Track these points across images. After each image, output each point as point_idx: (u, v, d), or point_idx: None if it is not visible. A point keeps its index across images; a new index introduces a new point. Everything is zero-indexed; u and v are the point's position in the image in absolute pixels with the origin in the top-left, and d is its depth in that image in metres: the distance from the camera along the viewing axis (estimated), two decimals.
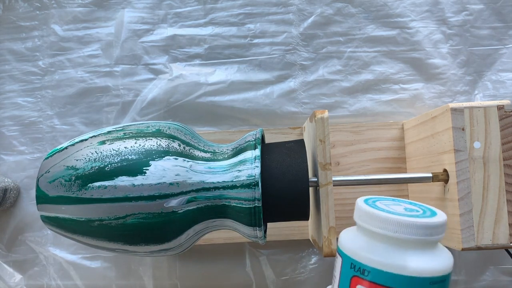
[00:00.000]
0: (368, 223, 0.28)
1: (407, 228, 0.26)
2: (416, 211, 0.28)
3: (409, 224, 0.26)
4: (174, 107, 0.60)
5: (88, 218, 0.39)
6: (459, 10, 0.60)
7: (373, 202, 0.29)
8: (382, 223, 0.27)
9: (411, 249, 0.27)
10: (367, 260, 0.27)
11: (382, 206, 0.28)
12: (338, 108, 0.59)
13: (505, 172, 0.40)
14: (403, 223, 0.26)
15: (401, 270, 0.26)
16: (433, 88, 0.59)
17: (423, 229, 0.26)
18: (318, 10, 0.61)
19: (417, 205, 0.30)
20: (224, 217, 0.41)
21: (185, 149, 0.40)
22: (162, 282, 0.59)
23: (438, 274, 0.26)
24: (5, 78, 0.63)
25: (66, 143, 0.42)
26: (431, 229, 0.26)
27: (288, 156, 0.41)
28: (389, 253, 0.27)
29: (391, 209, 0.28)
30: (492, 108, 0.41)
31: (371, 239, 0.28)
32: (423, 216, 0.27)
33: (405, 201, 0.31)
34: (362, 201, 0.29)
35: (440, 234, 0.27)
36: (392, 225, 0.26)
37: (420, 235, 0.26)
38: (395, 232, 0.26)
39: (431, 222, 0.26)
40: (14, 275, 0.60)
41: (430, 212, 0.28)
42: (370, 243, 0.28)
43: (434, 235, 0.26)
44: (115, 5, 0.63)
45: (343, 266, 0.29)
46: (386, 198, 0.31)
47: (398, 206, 0.29)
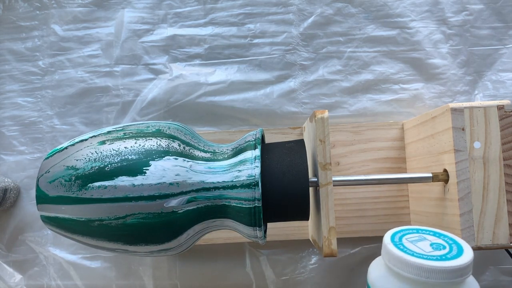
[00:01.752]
0: (398, 267, 0.28)
1: (438, 274, 0.27)
2: (443, 247, 0.29)
3: (440, 270, 0.27)
4: (174, 107, 0.60)
5: (88, 218, 0.39)
6: (459, 10, 0.60)
7: (400, 240, 0.30)
8: (413, 269, 0.27)
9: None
10: None
11: (409, 245, 0.29)
12: (338, 108, 0.59)
13: (505, 172, 0.40)
14: (434, 269, 0.27)
15: None
16: (433, 88, 0.59)
17: (453, 273, 0.27)
18: (318, 10, 0.61)
19: (442, 236, 0.31)
20: (224, 217, 0.41)
21: (185, 149, 0.40)
22: (162, 282, 0.59)
23: None
24: (5, 78, 0.63)
25: (66, 143, 0.42)
26: (461, 271, 0.27)
27: (288, 156, 0.41)
28: None
29: (418, 247, 0.29)
30: (492, 108, 0.41)
31: (400, 281, 0.29)
32: (450, 254, 0.28)
33: (429, 232, 0.31)
34: (389, 239, 0.30)
35: (468, 273, 0.28)
36: (423, 271, 0.27)
37: (451, 278, 0.27)
38: (426, 278, 0.27)
39: (460, 265, 0.27)
40: (14, 275, 0.60)
41: (457, 247, 0.29)
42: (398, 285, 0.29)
43: (463, 276, 0.28)
44: (115, 5, 0.63)
45: None
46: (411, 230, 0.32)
47: (424, 242, 0.30)
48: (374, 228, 0.55)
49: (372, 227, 0.55)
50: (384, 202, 0.56)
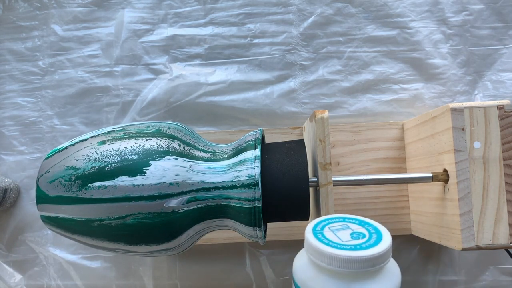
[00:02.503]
0: (315, 257, 0.29)
1: (350, 263, 0.27)
2: (362, 236, 0.29)
3: (352, 260, 0.27)
4: (174, 107, 0.60)
5: (88, 218, 0.39)
6: (459, 10, 0.60)
7: (322, 229, 0.30)
8: (327, 258, 0.28)
9: (356, 280, 0.28)
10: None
11: (329, 234, 0.30)
12: (338, 108, 0.59)
13: (505, 172, 0.40)
14: (346, 258, 0.27)
15: None
16: (433, 88, 0.59)
17: (365, 262, 0.27)
18: (318, 10, 0.61)
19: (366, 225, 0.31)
20: (224, 217, 0.41)
21: (185, 149, 0.40)
22: (162, 282, 0.59)
23: None
24: (5, 78, 0.63)
25: (66, 143, 0.42)
26: (373, 261, 0.27)
27: (288, 156, 0.41)
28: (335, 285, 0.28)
29: (338, 236, 0.29)
30: (492, 108, 0.41)
31: (319, 271, 0.29)
32: (366, 244, 0.28)
33: (354, 220, 0.32)
34: (311, 230, 0.30)
35: (382, 263, 0.28)
36: (336, 260, 0.27)
37: (363, 267, 0.27)
38: (339, 267, 0.27)
39: (372, 255, 0.27)
40: (14, 275, 0.60)
41: (376, 235, 0.29)
42: (318, 275, 0.29)
43: (376, 265, 0.28)
44: (115, 5, 0.63)
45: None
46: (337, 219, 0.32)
47: (346, 231, 0.30)
48: None
49: None
50: (384, 202, 0.56)
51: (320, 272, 0.29)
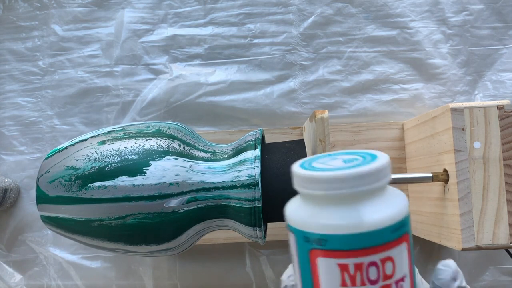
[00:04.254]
0: (310, 188, 0.25)
1: (351, 181, 0.23)
2: (356, 160, 0.25)
3: (352, 176, 0.23)
4: (174, 107, 0.60)
5: (88, 218, 0.39)
6: (459, 10, 0.60)
7: (310, 164, 0.26)
8: (324, 183, 0.24)
9: (362, 202, 0.24)
10: (320, 228, 0.24)
11: (319, 165, 0.26)
12: (338, 108, 0.59)
13: (505, 172, 0.40)
14: (345, 177, 0.23)
15: (358, 228, 0.23)
16: (433, 88, 0.59)
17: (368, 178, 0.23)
18: (318, 10, 0.61)
19: (355, 153, 0.27)
20: (224, 217, 0.41)
21: (185, 149, 0.40)
22: (162, 282, 0.59)
23: (396, 220, 0.24)
24: (5, 78, 0.63)
25: (66, 143, 0.42)
26: (375, 174, 0.24)
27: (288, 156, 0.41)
28: (341, 213, 0.24)
29: (330, 165, 0.25)
30: (492, 108, 0.41)
31: (318, 204, 0.25)
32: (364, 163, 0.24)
33: (342, 153, 0.27)
34: (298, 166, 0.26)
35: (386, 177, 0.24)
36: (334, 182, 0.23)
37: (367, 184, 0.23)
38: (340, 189, 0.23)
39: (374, 168, 0.23)
40: (14, 275, 0.60)
41: (371, 156, 0.25)
42: (319, 209, 0.25)
43: (381, 180, 0.24)
44: (115, 5, 0.63)
45: (297, 242, 0.26)
46: (322, 156, 0.28)
47: (336, 160, 0.26)
48: None
49: None
50: None
51: (319, 205, 0.25)
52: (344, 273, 0.24)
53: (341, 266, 0.24)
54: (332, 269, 0.24)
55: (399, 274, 0.24)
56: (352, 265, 0.24)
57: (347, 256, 0.23)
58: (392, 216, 0.24)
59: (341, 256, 0.24)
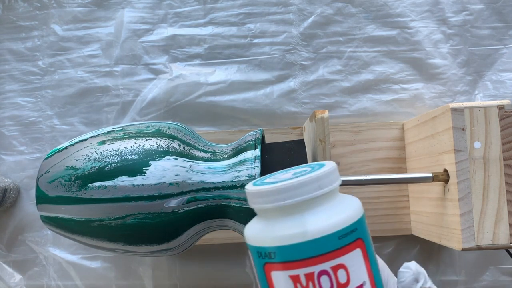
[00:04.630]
0: (257, 203, 0.25)
1: (293, 191, 0.23)
2: (305, 171, 0.25)
3: (295, 186, 0.23)
4: (174, 107, 0.60)
5: (88, 218, 0.38)
6: (459, 10, 0.60)
7: (263, 181, 0.26)
8: (269, 196, 0.24)
9: (307, 211, 0.24)
10: (269, 241, 0.24)
11: (270, 180, 0.26)
12: (338, 108, 0.59)
13: (505, 172, 0.40)
14: (287, 188, 0.23)
15: (302, 237, 0.23)
16: (433, 88, 0.59)
17: (308, 186, 0.23)
18: (318, 10, 0.61)
19: (306, 166, 0.27)
20: (224, 217, 0.41)
21: (185, 149, 0.40)
22: (162, 282, 0.59)
23: (343, 226, 0.23)
24: (5, 78, 0.63)
25: (66, 143, 0.42)
26: (317, 182, 0.23)
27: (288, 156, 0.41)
28: (287, 223, 0.24)
29: (280, 178, 0.25)
30: (493, 108, 0.41)
31: (268, 219, 0.25)
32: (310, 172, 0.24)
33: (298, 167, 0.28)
34: (250, 184, 0.26)
35: (330, 184, 0.24)
36: (279, 194, 0.23)
37: (309, 192, 0.23)
38: (284, 200, 0.23)
39: (314, 176, 0.23)
40: (14, 275, 0.60)
41: (319, 166, 0.25)
42: (268, 223, 0.25)
43: (323, 187, 0.24)
44: (115, 5, 0.63)
45: (253, 257, 0.26)
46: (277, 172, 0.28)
47: (287, 173, 0.26)
48: (374, 228, 0.55)
49: (372, 227, 0.55)
50: (384, 202, 0.55)
51: (268, 219, 0.25)
52: (297, 284, 0.23)
53: (293, 278, 0.23)
54: (285, 282, 0.24)
55: (356, 282, 0.24)
56: (303, 275, 0.23)
57: (297, 267, 0.23)
58: (338, 222, 0.23)
59: (292, 268, 0.23)
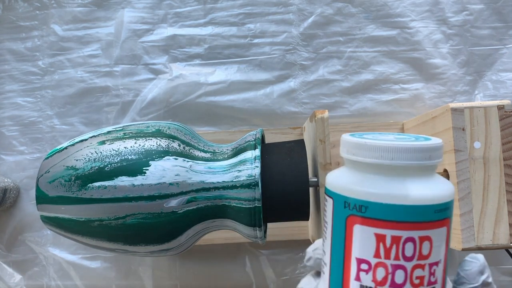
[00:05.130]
0: (359, 155, 0.24)
1: (404, 153, 0.23)
2: (408, 138, 0.25)
3: (406, 149, 0.23)
4: (174, 107, 0.60)
5: (88, 218, 0.39)
6: (459, 10, 0.60)
7: (360, 136, 0.26)
8: (376, 151, 0.24)
9: (410, 177, 0.24)
10: (363, 194, 0.24)
11: (370, 137, 0.26)
12: (338, 108, 0.59)
13: (505, 172, 0.40)
14: (399, 148, 0.23)
15: (403, 200, 0.23)
16: (433, 88, 0.59)
17: (421, 153, 0.23)
18: (318, 10, 0.61)
19: (407, 135, 0.27)
20: (224, 217, 0.41)
21: (185, 149, 0.40)
22: (162, 282, 0.59)
23: (442, 201, 0.24)
24: (5, 78, 0.63)
25: (66, 143, 0.42)
26: (429, 152, 0.24)
27: (288, 156, 0.41)
28: (387, 183, 0.24)
29: (381, 139, 0.25)
30: (493, 108, 0.41)
31: (364, 172, 0.25)
32: (417, 140, 0.25)
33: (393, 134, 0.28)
34: (348, 135, 0.26)
35: (438, 158, 0.24)
36: (387, 152, 0.23)
37: (419, 159, 0.23)
38: (391, 160, 0.23)
39: (428, 145, 0.24)
40: (14, 275, 0.60)
41: (424, 138, 0.26)
42: (364, 177, 0.25)
43: (432, 159, 0.24)
44: (115, 5, 0.63)
45: (335, 207, 0.25)
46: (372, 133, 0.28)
47: (388, 136, 0.26)
48: None
49: None
50: None
51: (366, 173, 0.25)
52: (380, 244, 0.23)
53: (378, 236, 0.23)
54: (369, 238, 0.23)
55: (435, 258, 0.24)
56: (390, 236, 0.23)
57: (386, 226, 0.23)
58: (438, 196, 0.24)
59: (380, 226, 0.23)
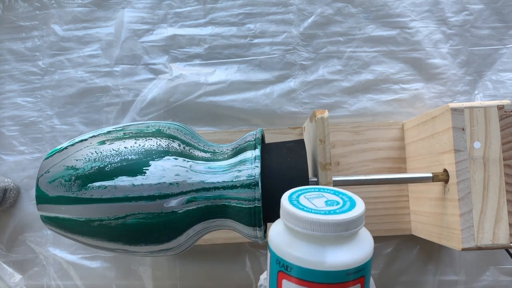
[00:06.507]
0: (290, 222, 0.29)
1: (322, 227, 0.27)
2: (337, 203, 0.30)
3: (325, 223, 0.27)
4: (174, 107, 0.60)
5: (88, 218, 0.39)
6: (459, 10, 0.60)
7: (297, 197, 0.31)
8: (301, 222, 0.28)
9: (329, 245, 0.28)
10: (289, 257, 0.28)
11: (304, 201, 0.30)
12: (338, 108, 0.59)
13: (505, 172, 0.40)
14: (319, 222, 0.27)
15: (319, 266, 0.27)
16: (433, 88, 0.59)
17: (338, 226, 0.27)
18: (318, 10, 0.61)
19: (340, 194, 0.31)
20: (224, 217, 0.41)
21: (185, 149, 0.40)
22: (162, 282, 0.59)
23: (354, 266, 0.28)
24: (5, 78, 0.63)
25: (66, 143, 0.42)
26: (345, 225, 0.27)
27: (288, 156, 0.41)
28: (309, 250, 0.28)
29: (313, 204, 0.30)
30: (492, 108, 0.41)
31: (293, 236, 0.29)
32: (341, 209, 0.29)
33: (329, 190, 0.32)
34: (287, 198, 0.31)
35: (355, 227, 0.28)
36: (310, 224, 0.28)
37: (336, 231, 0.27)
38: (312, 231, 0.28)
39: (345, 219, 0.27)
40: (14, 275, 0.60)
41: (350, 202, 0.30)
42: (292, 240, 0.29)
43: (349, 229, 0.28)
44: (115, 5, 0.63)
45: (271, 261, 0.30)
46: (312, 189, 0.32)
47: (321, 199, 0.30)
48: (374, 228, 0.55)
49: (372, 227, 0.55)
50: (384, 202, 0.56)
51: (295, 237, 0.29)
52: None
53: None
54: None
55: None
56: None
57: (307, 285, 0.28)
58: (352, 262, 0.28)
59: (302, 284, 0.28)
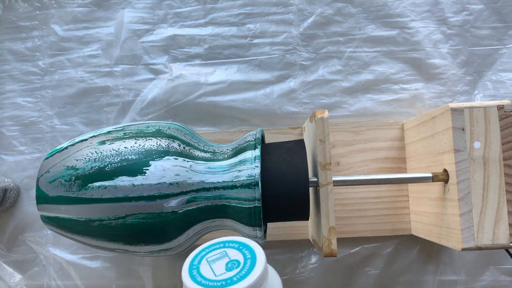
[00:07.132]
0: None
1: None
2: (237, 265, 0.30)
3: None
4: (174, 107, 0.60)
5: (88, 218, 0.39)
6: (459, 10, 0.60)
7: (199, 262, 0.31)
8: None
9: None
10: None
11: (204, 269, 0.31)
12: (338, 108, 0.59)
13: (505, 172, 0.40)
14: None
15: None
16: (433, 88, 0.59)
17: None
18: (318, 10, 0.61)
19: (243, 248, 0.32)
20: (224, 217, 0.41)
21: (185, 149, 0.40)
22: (162, 282, 0.59)
23: None
24: (5, 78, 0.63)
25: (66, 143, 0.42)
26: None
27: (288, 156, 0.41)
28: None
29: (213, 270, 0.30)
30: (492, 108, 0.41)
31: None
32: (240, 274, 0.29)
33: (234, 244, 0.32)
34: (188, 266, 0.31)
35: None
36: None
37: None
38: None
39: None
40: (14, 275, 0.60)
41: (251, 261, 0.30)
42: None
43: None
44: (115, 5, 0.63)
45: None
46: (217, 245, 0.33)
47: (223, 260, 0.31)
48: (374, 228, 0.55)
49: (372, 227, 0.55)
50: (384, 202, 0.56)
51: None
52: None
53: None
54: None
55: None
56: None
57: None
58: None
59: None
